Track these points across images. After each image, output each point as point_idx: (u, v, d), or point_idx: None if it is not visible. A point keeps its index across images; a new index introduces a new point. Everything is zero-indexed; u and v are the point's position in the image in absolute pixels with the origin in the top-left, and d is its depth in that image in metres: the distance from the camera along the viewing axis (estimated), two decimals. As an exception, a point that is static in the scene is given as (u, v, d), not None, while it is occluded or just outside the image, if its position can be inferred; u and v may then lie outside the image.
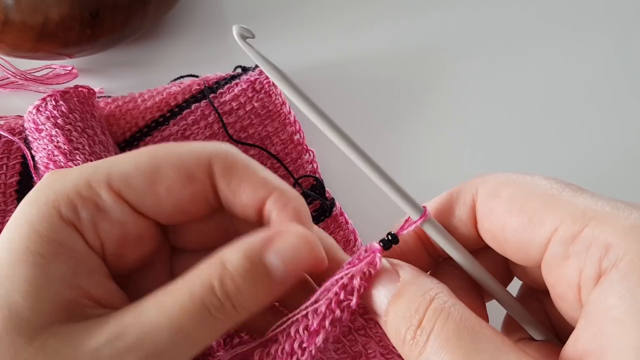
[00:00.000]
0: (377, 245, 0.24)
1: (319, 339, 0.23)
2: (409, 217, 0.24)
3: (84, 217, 0.24)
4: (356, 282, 0.23)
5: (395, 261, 0.24)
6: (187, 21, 0.48)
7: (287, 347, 0.23)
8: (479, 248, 0.26)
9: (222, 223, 0.27)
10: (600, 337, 0.19)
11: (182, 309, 0.22)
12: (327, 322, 0.23)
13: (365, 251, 0.24)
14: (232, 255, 0.23)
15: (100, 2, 0.38)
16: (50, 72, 0.44)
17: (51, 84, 0.43)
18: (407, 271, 0.23)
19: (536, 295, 0.27)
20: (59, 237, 0.23)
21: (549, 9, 0.49)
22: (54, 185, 0.24)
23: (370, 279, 0.23)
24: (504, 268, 0.27)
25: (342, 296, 0.23)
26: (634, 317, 0.19)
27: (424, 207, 0.24)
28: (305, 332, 0.23)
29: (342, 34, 0.47)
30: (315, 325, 0.23)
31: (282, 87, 0.24)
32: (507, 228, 0.23)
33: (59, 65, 0.44)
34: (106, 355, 0.21)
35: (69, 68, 0.44)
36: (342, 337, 0.26)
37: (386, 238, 0.24)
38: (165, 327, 0.21)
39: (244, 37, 0.24)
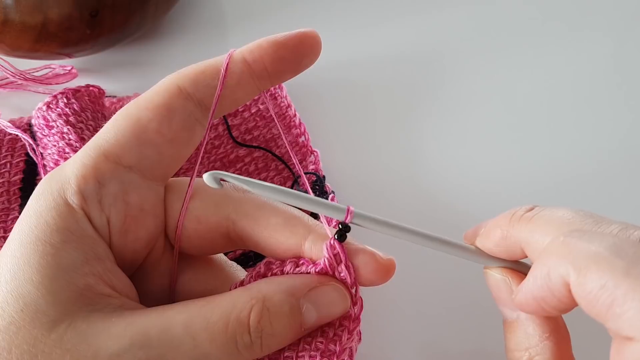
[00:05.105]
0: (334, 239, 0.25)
1: None
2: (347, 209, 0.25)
3: (88, 196, 0.24)
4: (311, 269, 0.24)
5: None
6: (187, 21, 0.48)
7: None
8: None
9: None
10: None
11: (212, 338, 0.22)
12: None
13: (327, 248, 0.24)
14: (275, 295, 0.23)
15: (100, 2, 0.38)
16: (50, 72, 0.44)
17: (50, 84, 0.43)
18: None
19: None
20: (68, 225, 0.23)
21: (552, 11, 0.49)
22: (55, 177, 0.24)
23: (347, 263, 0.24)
24: None
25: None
26: None
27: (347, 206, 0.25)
28: None
29: (342, 34, 0.48)
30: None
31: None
32: None
33: (59, 65, 0.44)
34: None
35: (69, 68, 0.44)
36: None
37: (338, 228, 0.24)
38: (189, 350, 0.22)
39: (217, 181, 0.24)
